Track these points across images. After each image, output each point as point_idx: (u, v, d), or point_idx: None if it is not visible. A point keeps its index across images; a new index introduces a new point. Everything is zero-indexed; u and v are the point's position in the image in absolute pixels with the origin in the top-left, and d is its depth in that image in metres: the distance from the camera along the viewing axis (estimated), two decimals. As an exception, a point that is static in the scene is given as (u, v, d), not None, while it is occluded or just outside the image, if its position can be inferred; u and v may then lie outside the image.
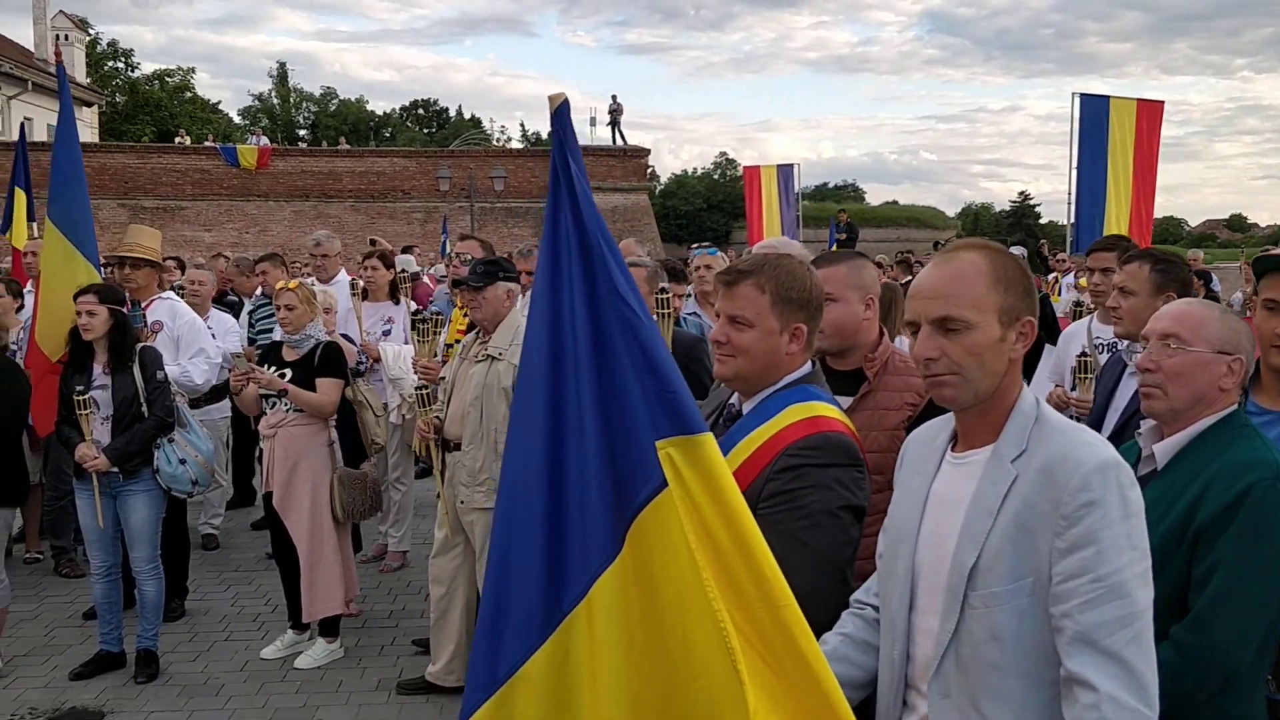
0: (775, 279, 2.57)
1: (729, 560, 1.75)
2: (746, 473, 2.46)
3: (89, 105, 44.79)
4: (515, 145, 59.86)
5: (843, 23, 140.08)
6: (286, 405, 5.65)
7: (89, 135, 41.87)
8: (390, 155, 38.76)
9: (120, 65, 55.46)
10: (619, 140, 39.06)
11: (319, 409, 5.69)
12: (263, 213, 34.19)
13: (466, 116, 71.42)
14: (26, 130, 12.60)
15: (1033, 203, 59.61)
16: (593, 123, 41.40)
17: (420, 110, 73.26)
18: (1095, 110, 13.32)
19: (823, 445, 2.48)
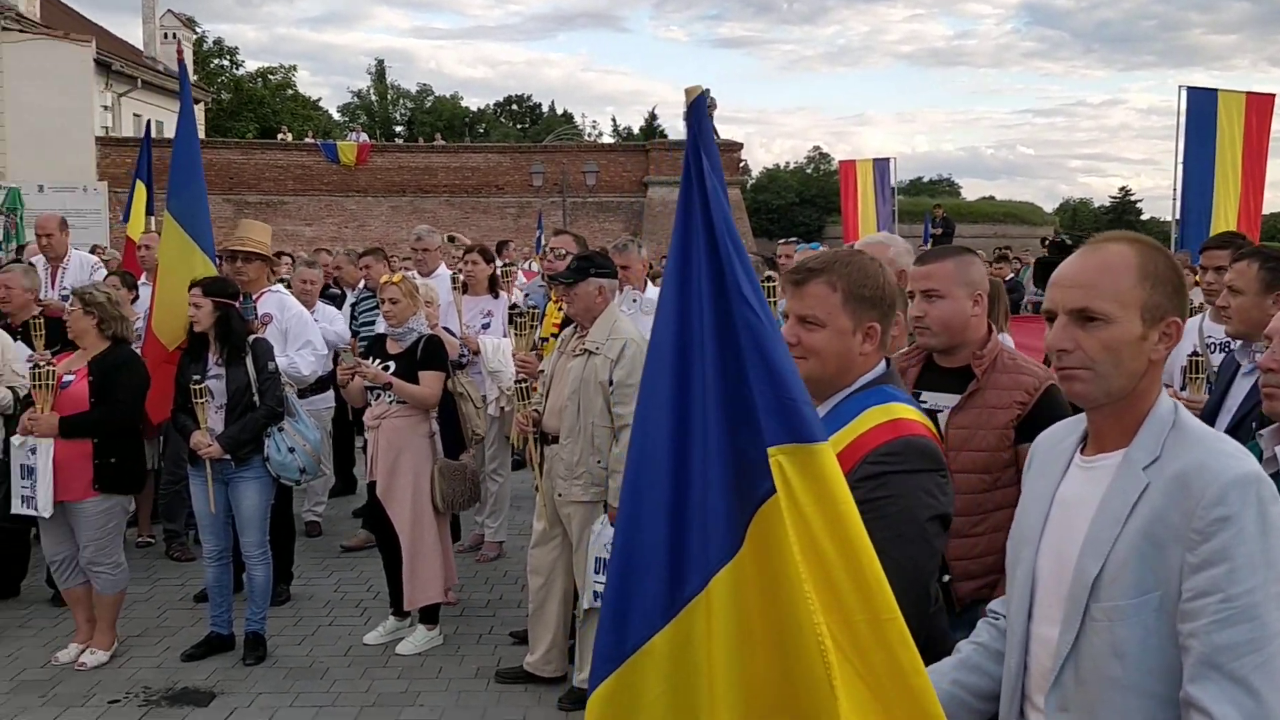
0: (847, 276, 2.48)
1: (832, 571, 1.75)
2: None
3: (196, 102, 45.92)
4: (606, 140, 60.16)
5: (938, 15, 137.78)
6: (390, 398, 5.77)
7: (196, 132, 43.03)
8: (485, 151, 39.18)
9: (225, 63, 56.93)
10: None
11: (422, 401, 5.81)
12: (361, 208, 34.83)
13: (559, 112, 71.97)
14: (140, 126, 13.04)
15: (1134, 199, 58.28)
16: (686, 117, 41.30)
17: (514, 106, 73.99)
18: (1202, 104, 12.93)
19: (905, 450, 2.39)
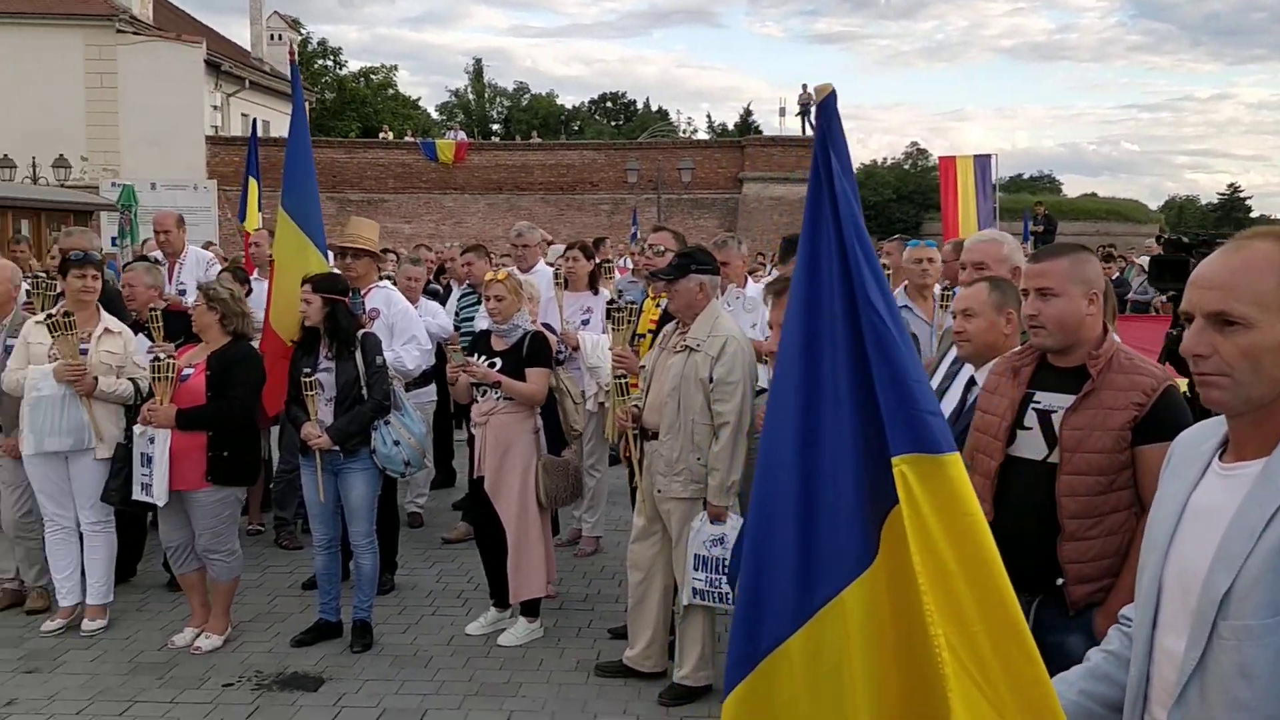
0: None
1: (953, 582, 1.74)
2: None
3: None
4: (701, 136, 60.11)
5: (1040, 9, 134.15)
6: (497, 394, 5.84)
7: (302, 132, 44.06)
8: (580, 148, 39.48)
9: (329, 63, 58.21)
10: (809, 130, 38.68)
11: (530, 398, 5.88)
12: (459, 205, 35.35)
13: (653, 109, 72.10)
14: (256, 128, 13.50)
15: (1243, 195, 56.31)
16: (781, 113, 41.17)
17: (608, 103, 74.29)
18: (1322, 96, 12.42)
19: None
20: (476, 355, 5.98)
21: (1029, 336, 3.37)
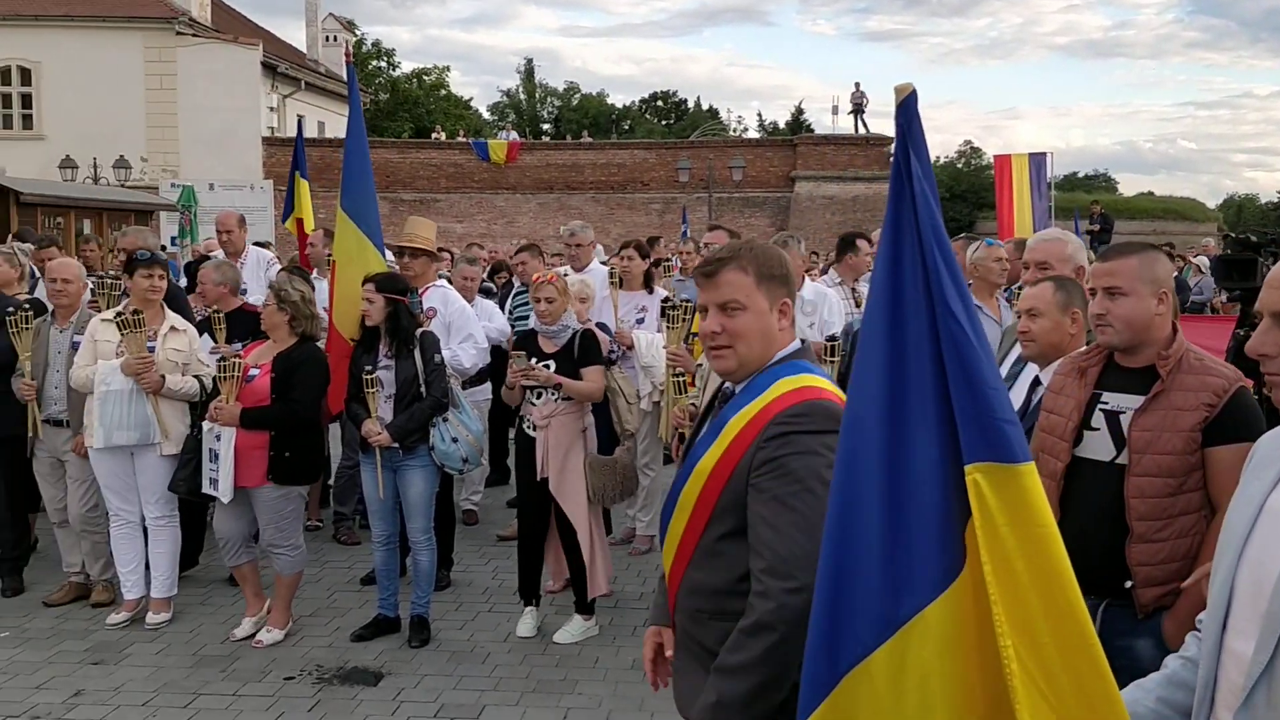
0: (755, 259, 2.59)
1: (1024, 594, 1.72)
2: (737, 447, 2.47)
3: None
4: (752, 135, 59.93)
5: (1096, 5, 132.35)
6: (556, 396, 5.86)
7: (355, 132, 44.54)
8: (631, 147, 39.50)
9: (382, 64, 58.74)
10: (861, 129, 38.44)
11: (590, 396, 5.91)
12: (510, 205, 35.52)
13: (704, 108, 72.01)
14: (303, 127, 13.61)
15: (1304, 194, 54.91)
16: (834, 111, 40.95)
17: (659, 102, 74.30)
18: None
19: (810, 411, 2.45)
20: (528, 356, 5.98)
21: (1095, 336, 3.33)
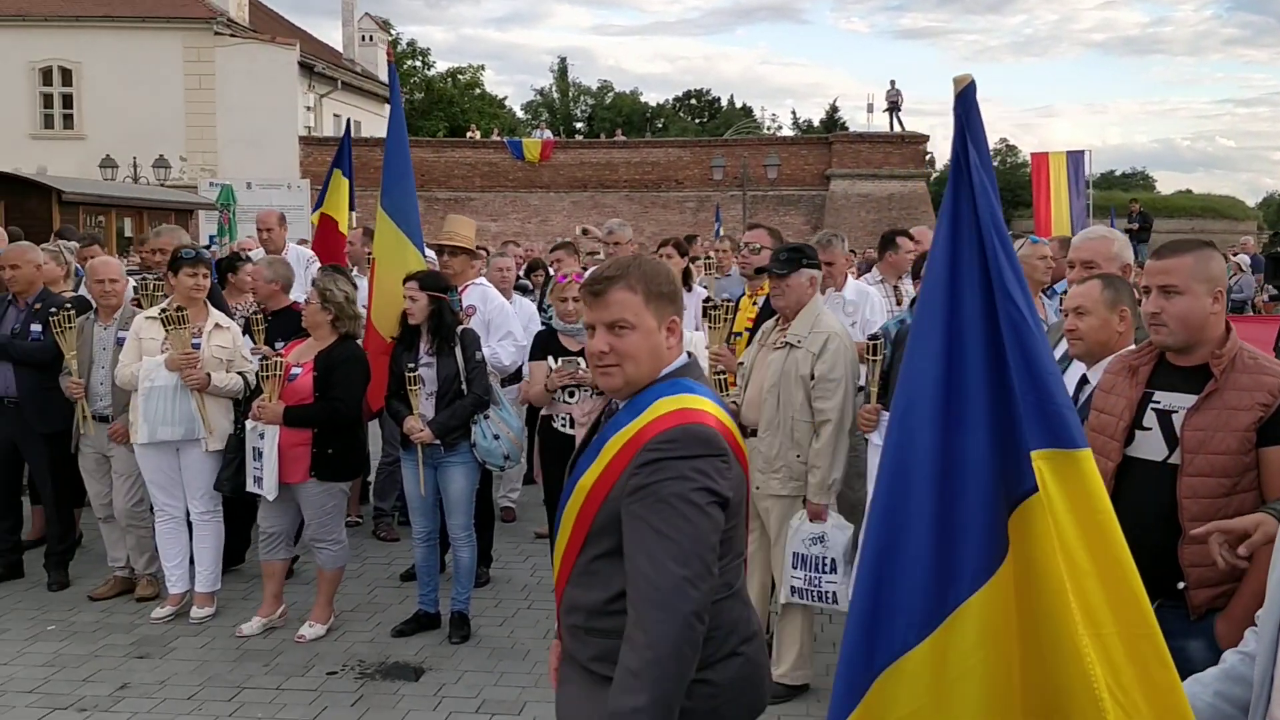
0: (643, 277, 2.55)
1: (1085, 581, 1.72)
2: (614, 468, 2.47)
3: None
4: (786, 133, 59.76)
5: (1133, 2, 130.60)
6: (592, 393, 5.86)
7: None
8: (665, 146, 39.53)
9: (417, 64, 59.04)
10: (897, 127, 38.25)
11: (632, 392, 5.89)
12: (544, 203, 35.63)
13: (738, 105, 71.92)
14: (350, 127, 13.77)
15: (1344, 192, 54.08)
16: (869, 109, 40.77)
17: (692, 100, 74.29)
18: None
19: (681, 438, 2.44)
20: (554, 357, 5.98)
21: (1147, 334, 3.29)
